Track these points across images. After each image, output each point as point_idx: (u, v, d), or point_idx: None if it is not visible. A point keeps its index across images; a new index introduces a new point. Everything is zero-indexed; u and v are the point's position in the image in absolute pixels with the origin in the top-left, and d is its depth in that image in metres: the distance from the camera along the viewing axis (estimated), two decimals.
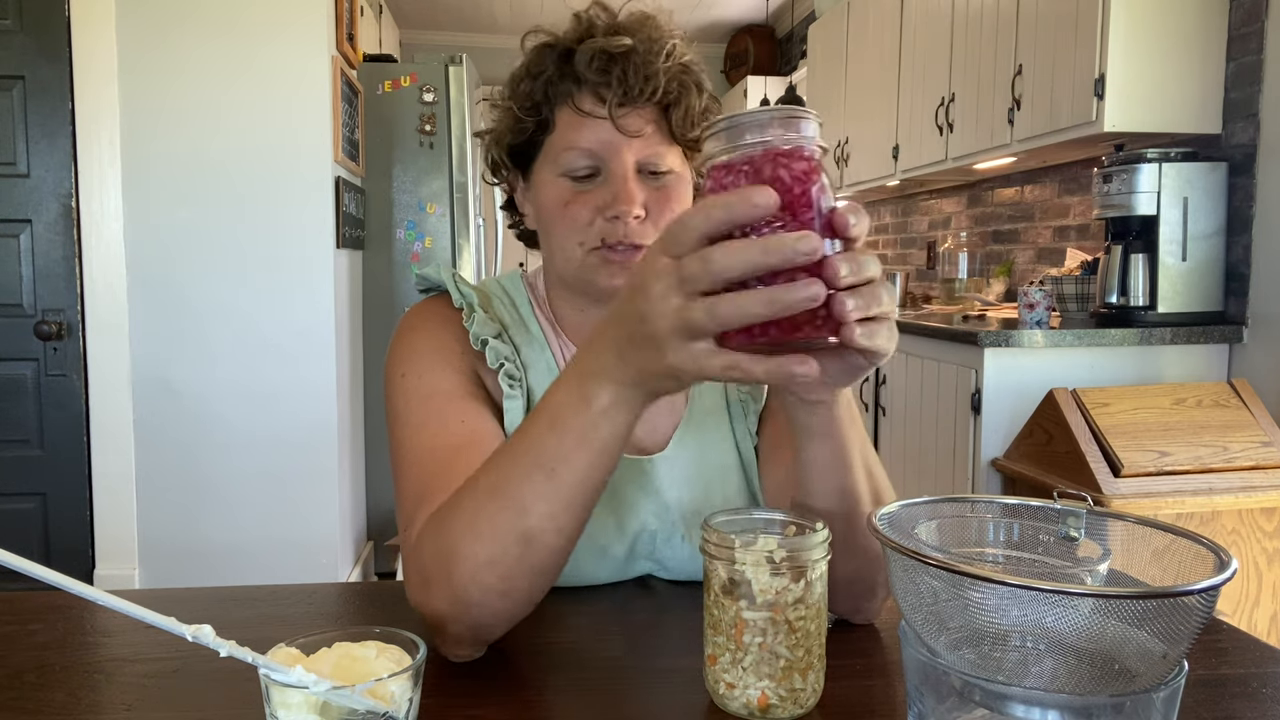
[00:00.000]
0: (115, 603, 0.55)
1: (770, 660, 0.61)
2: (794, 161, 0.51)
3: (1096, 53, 2.51)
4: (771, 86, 5.81)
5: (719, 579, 0.62)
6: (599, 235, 0.84)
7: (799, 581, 0.61)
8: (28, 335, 2.75)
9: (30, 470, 2.81)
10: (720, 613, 0.62)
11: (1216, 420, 2.24)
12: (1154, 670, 0.48)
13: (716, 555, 0.62)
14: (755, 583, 0.61)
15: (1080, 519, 0.58)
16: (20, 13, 2.67)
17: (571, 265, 0.86)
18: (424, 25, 6.43)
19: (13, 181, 2.71)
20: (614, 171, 0.84)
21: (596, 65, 0.83)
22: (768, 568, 0.60)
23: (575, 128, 0.84)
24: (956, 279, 3.85)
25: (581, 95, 0.84)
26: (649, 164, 0.84)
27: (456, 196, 3.63)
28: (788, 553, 0.61)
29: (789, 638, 0.61)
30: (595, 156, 0.84)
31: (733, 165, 0.52)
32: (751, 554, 0.61)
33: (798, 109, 0.52)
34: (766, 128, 0.52)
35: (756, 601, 0.61)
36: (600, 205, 0.83)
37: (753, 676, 0.62)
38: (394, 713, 0.50)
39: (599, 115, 0.83)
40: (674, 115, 0.85)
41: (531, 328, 0.94)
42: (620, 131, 0.83)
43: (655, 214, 0.84)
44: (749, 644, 0.61)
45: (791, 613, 0.61)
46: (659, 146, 0.84)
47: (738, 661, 0.62)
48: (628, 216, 0.82)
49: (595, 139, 0.83)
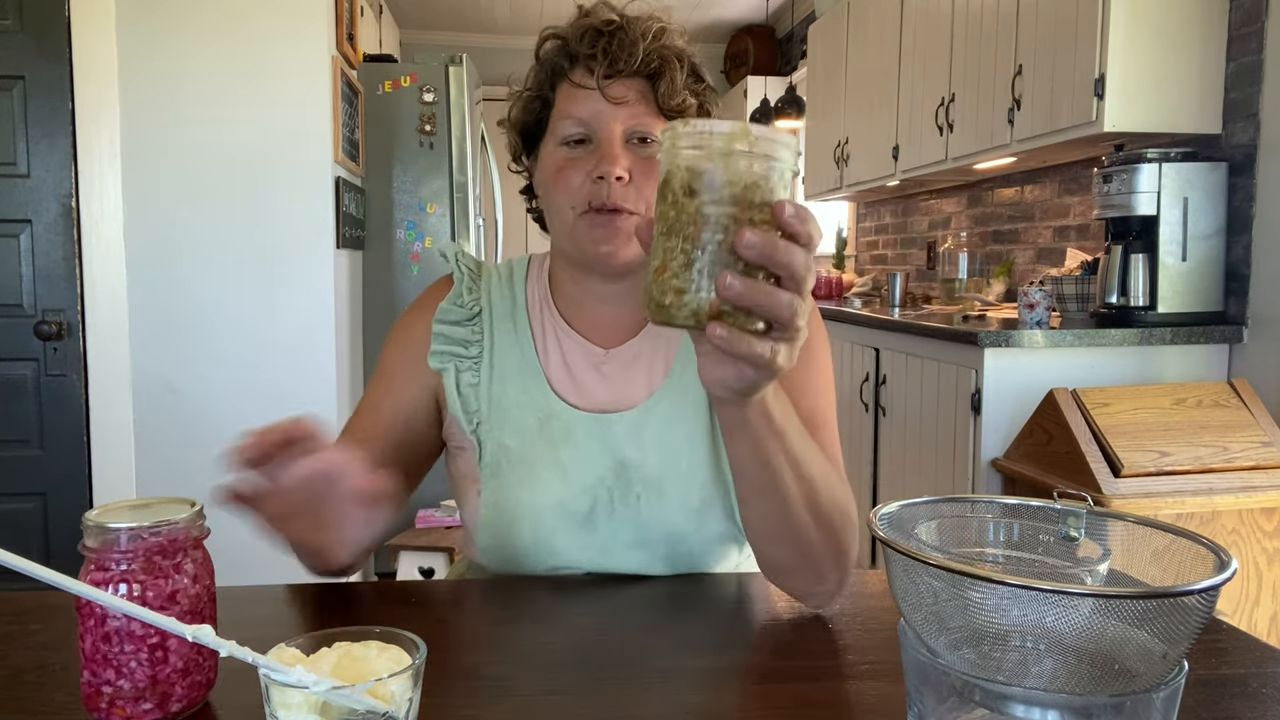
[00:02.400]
0: (115, 603, 0.55)
1: (728, 261, 0.56)
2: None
3: (1096, 53, 2.51)
4: (771, 86, 5.81)
5: (680, 173, 0.56)
6: (586, 198, 0.91)
7: (765, 182, 0.56)
8: (28, 335, 2.74)
9: (30, 470, 2.80)
10: (677, 212, 0.56)
11: (1216, 420, 2.24)
12: (1154, 670, 0.47)
13: (683, 145, 0.56)
14: (724, 171, 0.55)
15: (1080, 519, 0.58)
16: (20, 13, 2.67)
17: (565, 229, 0.94)
18: (424, 25, 6.43)
19: (13, 181, 2.71)
20: (602, 137, 0.92)
21: (587, 40, 0.92)
22: (739, 156, 0.55)
23: (570, 99, 0.94)
24: (956, 279, 3.85)
25: (575, 70, 0.94)
26: (636, 132, 0.92)
27: (456, 196, 3.63)
28: (757, 136, 0.55)
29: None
30: (586, 125, 0.92)
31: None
32: (720, 139, 0.55)
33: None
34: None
35: (722, 195, 0.55)
36: (589, 169, 0.91)
37: (707, 280, 0.56)
38: (394, 713, 0.50)
39: (589, 86, 0.92)
40: (659, 86, 0.92)
41: (519, 301, 1.02)
42: (607, 100, 0.91)
43: (640, 181, 0.91)
44: (706, 242, 0.56)
45: (757, 214, 0.56)
46: (645, 117, 0.92)
47: (692, 263, 0.56)
48: (611, 177, 0.89)
49: (587, 109, 0.92)
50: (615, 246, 0.91)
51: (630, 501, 0.94)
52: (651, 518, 0.93)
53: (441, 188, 3.62)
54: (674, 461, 0.95)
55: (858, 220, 5.45)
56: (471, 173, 3.70)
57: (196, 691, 0.64)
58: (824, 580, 0.82)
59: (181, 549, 0.63)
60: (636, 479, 0.94)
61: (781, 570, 0.83)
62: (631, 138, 0.92)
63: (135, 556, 0.61)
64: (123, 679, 0.61)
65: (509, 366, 0.98)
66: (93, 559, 0.61)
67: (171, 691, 0.62)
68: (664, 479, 0.94)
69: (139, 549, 0.61)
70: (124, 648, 0.61)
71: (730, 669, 0.75)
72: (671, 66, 0.92)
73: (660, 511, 0.94)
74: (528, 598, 0.87)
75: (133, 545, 0.61)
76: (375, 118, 3.55)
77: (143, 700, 0.61)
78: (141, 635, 0.61)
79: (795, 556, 0.80)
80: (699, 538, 0.95)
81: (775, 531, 0.79)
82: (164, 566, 0.62)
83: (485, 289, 1.03)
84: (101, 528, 0.61)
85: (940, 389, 2.78)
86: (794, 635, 0.80)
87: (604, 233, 0.91)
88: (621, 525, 0.94)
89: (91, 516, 0.62)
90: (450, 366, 0.98)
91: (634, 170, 0.90)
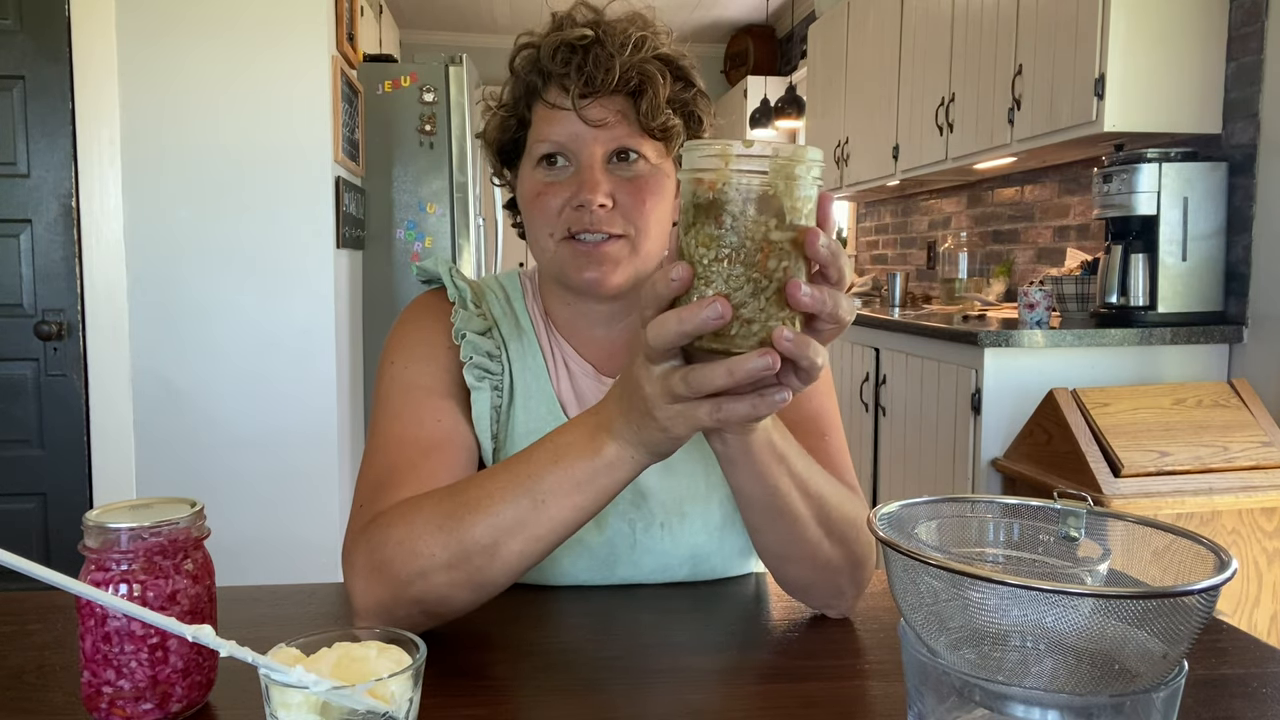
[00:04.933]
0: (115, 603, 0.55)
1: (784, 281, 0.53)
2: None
3: (1096, 53, 2.51)
4: (771, 86, 5.81)
5: (743, 199, 0.52)
6: (566, 225, 0.85)
7: (812, 201, 0.54)
8: (28, 335, 2.74)
9: (30, 470, 2.80)
10: (740, 238, 0.53)
11: (1216, 420, 2.24)
12: (1154, 670, 0.47)
13: (747, 168, 0.52)
14: (789, 197, 0.52)
15: (1080, 519, 0.58)
16: (20, 13, 2.67)
17: (546, 256, 0.88)
18: (424, 25, 6.43)
19: (13, 181, 2.71)
20: (582, 161, 0.85)
21: (560, 58, 0.84)
22: (801, 181, 0.53)
23: (546, 121, 0.86)
24: (956, 279, 3.85)
25: (548, 89, 0.86)
26: (618, 151, 0.85)
27: (456, 196, 3.63)
28: (813, 158, 0.53)
29: (801, 263, 0.54)
30: (563, 148, 0.85)
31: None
32: (789, 164, 0.52)
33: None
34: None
35: (786, 221, 0.53)
36: (569, 195, 0.85)
37: (775, 307, 0.54)
38: (394, 713, 0.50)
39: (564, 107, 0.85)
40: (641, 104, 0.85)
41: (523, 322, 0.95)
42: (585, 122, 0.84)
43: (625, 204, 0.85)
44: (774, 269, 0.53)
45: (793, 234, 0.54)
46: (628, 138, 0.85)
47: (761, 291, 0.53)
48: (592, 205, 0.83)
49: (564, 131, 0.85)
50: (601, 274, 0.85)
51: (654, 532, 0.90)
52: (675, 543, 0.91)
53: (441, 188, 3.62)
54: (694, 482, 0.91)
55: (858, 220, 5.45)
56: (471, 173, 3.70)
57: (196, 691, 0.64)
58: (842, 594, 0.81)
59: (182, 549, 0.63)
60: (658, 507, 0.90)
61: (800, 587, 0.82)
62: (613, 157, 0.85)
63: (135, 556, 0.61)
64: (123, 679, 0.61)
65: (525, 390, 0.92)
66: (93, 559, 0.61)
67: (171, 691, 0.62)
68: (684, 500, 0.91)
69: (139, 549, 0.61)
70: (124, 648, 0.61)
71: (730, 669, 0.75)
72: (654, 82, 0.84)
73: (684, 535, 0.91)
74: (528, 598, 0.87)
75: (133, 545, 0.61)
76: (375, 118, 3.55)
77: (143, 700, 0.61)
78: (141, 635, 0.61)
79: (811, 573, 0.79)
80: (722, 555, 0.93)
81: (789, 553, 0.78)
82: (164, 566, 0.62)
83: (487, 307, 0.95)
84: (102, 528, 0.61)
85: (940, 389, 2.77)
86: (794, 635, 0.80)
87: (587, 260, 0.85)
88: (644, 556, 0.91)
89: (91, 516, 0.62)
90: (485, 385, 0.88)
91: (617, 193, 0.84)
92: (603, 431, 0.65)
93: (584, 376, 0.94)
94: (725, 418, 0.59)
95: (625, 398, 0.63)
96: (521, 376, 0.92)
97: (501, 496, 0.68)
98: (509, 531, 0.67)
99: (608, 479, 0.66)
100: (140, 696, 0.61)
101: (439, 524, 0.69)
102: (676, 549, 0.91)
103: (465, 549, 0.68)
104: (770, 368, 0.54)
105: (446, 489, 0.72)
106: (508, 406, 0.91)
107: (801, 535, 0.75)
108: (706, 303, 0.53)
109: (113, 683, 0.61)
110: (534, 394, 0.92)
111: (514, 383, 0.92)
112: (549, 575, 0.90)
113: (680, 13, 6.10)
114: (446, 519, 0.69)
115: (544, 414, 0.91)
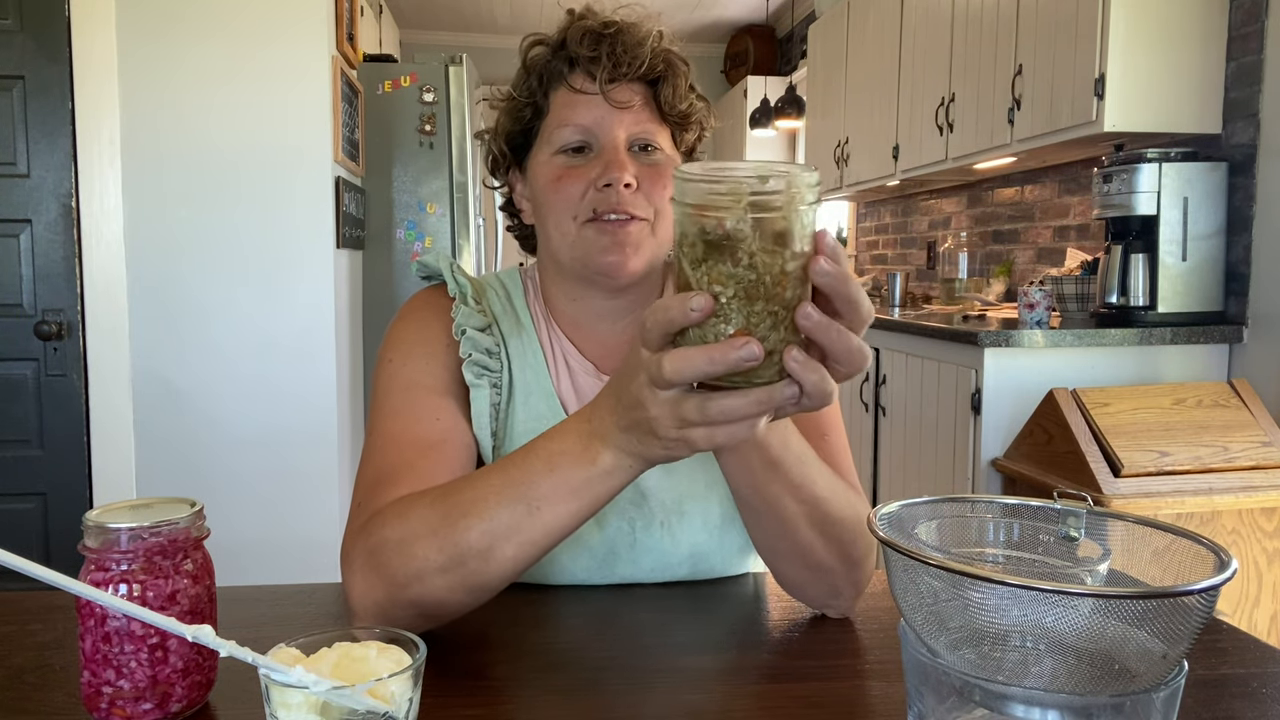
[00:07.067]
0: (115, 603, 0.55)
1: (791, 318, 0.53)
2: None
3: (1096, 53, 2.51)
4: (771, 86, 5.81)
5: (756, 233, 0.51)
6: (591, 206, 0.86)
7: (810, 228, 0.53)
8: (28, 335, 2.74)
9: (30, 470, 2.80)
10: (759, 274, 0.51)
11: (1216, 420, 2.24)
12: (1154, 670, 0.47)
13: (763, 199, 0.51)
14: (799, 224, 0.51)
15: (1080, 519, 0.58)
16: (20, 13, 2.67)
17: (566, 241, 0.88)
18: (424, 25, 6.43)
19: (13, 181, 2.71)
20: (605, 144, 0.87)
21: (587, 43, 0.87)
22: (809, 207, 0.52)
23: (569, 105, 0.88)
24: (956, 279, 3.85)
25: (574, 74, 0.88)
26: (639, 139, 0.88)
27: (456, 196, 3.64)
28: (817, 180, 0.52)
29: (808, 285, 0.54)
30: (588, 132, 0.87)
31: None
32: (801, 190, 0.51)
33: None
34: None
35: (797, 249, 0.52)
36: (593, 177, 0.86)
37: (792, 334, 0.53)
38: (394, 713, 0.50)
39: (590, 91, 0.87)
40: (662, 92, 0.88)
41: (523, 319, 0.95)
42: (611, 104, 0.86)
43: (646, 188, 0.86)
44: (790, 299, 0.52)
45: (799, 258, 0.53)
46: (648, 124, 0.88)
47: (779, 324, 0.53)
48: (619, 184, 0.84)
49: (589, 115, 0.87)
50: (623, 256, 0.85)
51: (653, 531, 0.90)
52: (675, 542, 0.91)
53: (441, 188, 3.62)
54: (693, 480, 0.91)
55: (858, 220, 5.45)
56: (471, 173, 3.70)
57: (196, 691, 0.64)
58: (839, 594, 0.82)
59: (181, 549, 0.63)
60: (658, 506, 0.90)
61: (794, 585, 0.83)
62: (634, 145, 0.87)
63: (135, 557, 0.61)
64: (123, 679, 0.61)
65: (525, 387, 0.92)
66: (93, 559, 0.61)
67: (171, 691, 0.62)
68: (684, 499, 0.91)
69: (139, 549, 0.61)
70: (124, 648, 0.61)
71: (730, 669, 0.75)
72: (675, 71, 0.89)
73: (683, 533, 0.91)
74: (527, 598, 0.87)
75: (133, 545, 0.61)
76: (375, 118, 3.55)
77: (143, 700, 0.61)
78: (141, 635, 0.61)
79: (804, 571, 0.80)
80: (721, 553, 0.93)
81: (781, 550, 0.78)
82: (164, 566, 0.62)
83: (487, 303, 0.95)
84: (101, 528, 0.61)
85: (940, 389, 2.78)
86: (794, 635, 0.80)
87: (611, 241, 0.85)
88: (644, 554, 0.91)
89: (91, 516, 0.62)
90: (484, 382, 0.88)
91: (639, 177, 0.85)
92: (597, 440, 0.64)
93: (584, 374, 0.93)
94: (727, 441, 0.59)
95: (623, 411, 0.61)
96: (521, 374, 0.92)
97: (496, 501, 0.68)
98: (503, 536, 0.67)
99: (603, 486, 0.66)
100: (140, 696, 0.61)
101: (434, 527, 0.69)
102: (676, 547, 0.91)
103: (460, 553, 0.68)
104: (795, 398, 0.54)
105: (440, 490, 0.72)
106: (507, 404, 0.91)
107: (792, 535, 0.76)
108: (739, 344, 0.51)
109: (113, 683, 0.61)
110: (534, 391, 0.92)
111: (513, 380, 0.92)
112: (548, 574, 0.90)
113: (680, 13, 6.10)
114: (441, 522, 0.69)
115: (544, 411, 0.91)
